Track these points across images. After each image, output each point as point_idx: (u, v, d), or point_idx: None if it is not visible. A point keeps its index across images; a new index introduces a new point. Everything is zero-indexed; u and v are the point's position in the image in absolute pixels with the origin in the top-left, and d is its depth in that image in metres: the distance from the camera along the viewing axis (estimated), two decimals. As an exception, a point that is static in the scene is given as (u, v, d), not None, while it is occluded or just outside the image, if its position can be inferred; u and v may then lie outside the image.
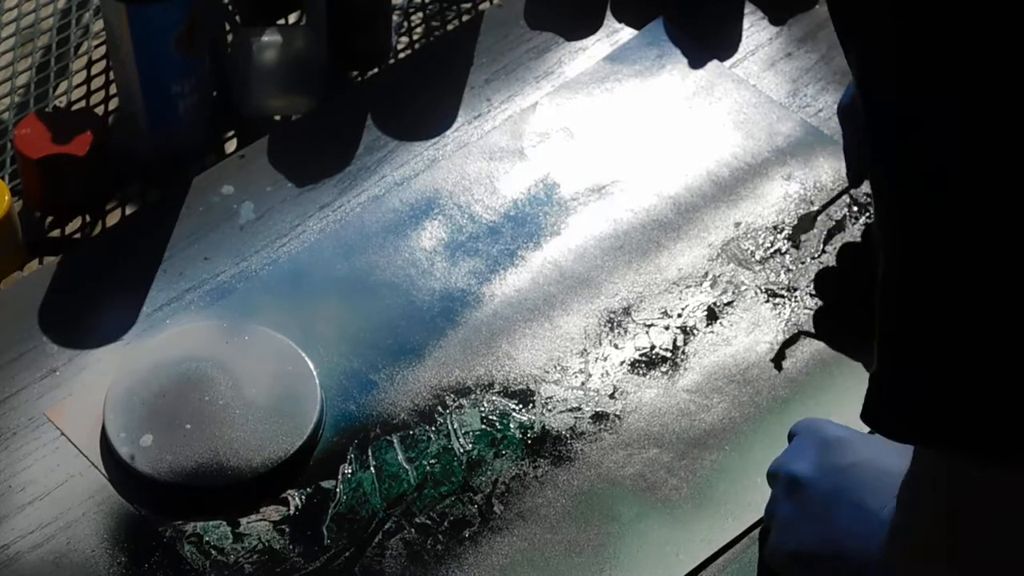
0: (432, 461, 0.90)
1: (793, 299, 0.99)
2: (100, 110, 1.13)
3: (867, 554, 0.76)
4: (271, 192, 1.04)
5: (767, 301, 0.99)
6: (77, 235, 1.05)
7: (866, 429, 0.63)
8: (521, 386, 0.94)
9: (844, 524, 0.78)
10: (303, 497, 0.89)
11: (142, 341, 0.95)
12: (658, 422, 0.93)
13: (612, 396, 0.94)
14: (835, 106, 1.11)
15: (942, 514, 0.65)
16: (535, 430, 0.92)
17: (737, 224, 1.03)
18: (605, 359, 0.96)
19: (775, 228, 1.03)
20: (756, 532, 0.88)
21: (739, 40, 1.16)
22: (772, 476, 0.86)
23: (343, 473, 0.90)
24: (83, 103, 1.14)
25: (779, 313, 0.98)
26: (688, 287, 1.00)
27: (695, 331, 0.97)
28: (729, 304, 0.99)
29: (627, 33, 1.16)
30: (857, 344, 0.96)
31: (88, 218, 1.06)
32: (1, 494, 0.88)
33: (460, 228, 1.02)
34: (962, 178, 0.54)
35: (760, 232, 1.03)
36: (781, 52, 1.15)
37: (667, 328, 0.97)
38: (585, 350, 0.96)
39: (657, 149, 1.08)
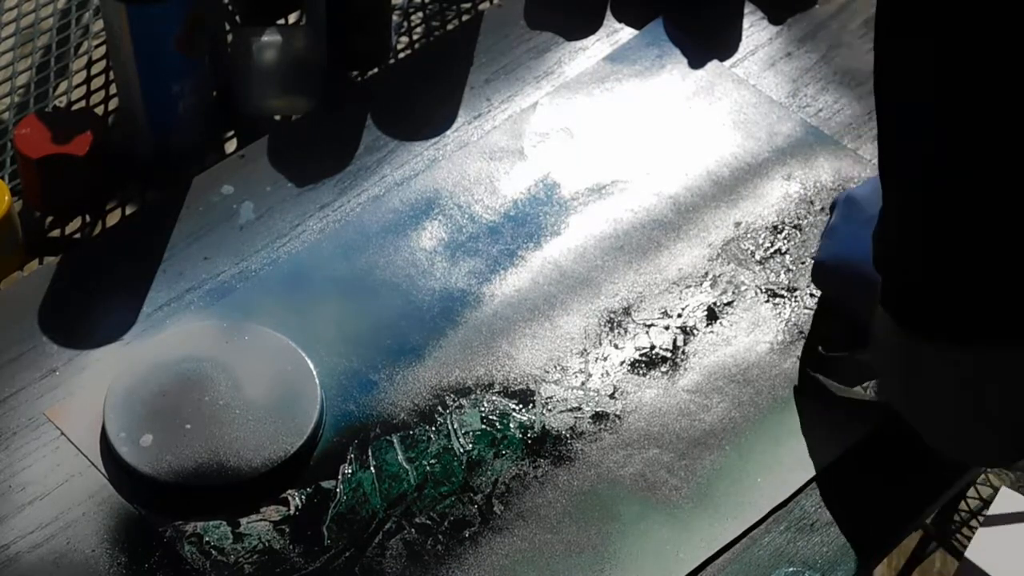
0: (432, 461, 0.90)
1: (793, 299, 0.99)
2: (100, 110, 1.13)
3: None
4: (271, 192, 1.04)
5: (767, 301, 0.99)
6: (77, 235, 1.05)
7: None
8: (521, 386, 0.94)
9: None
10: (303, 497, 0.89)
11: (142, 341, 0.95)
12: (658, 422, 0.93)
13: (612, 396, 0.94)
14: (835, 106, 1.11)
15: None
16: (535, 430, 0.92)
17: (737, 224, 1.03)
18: (605, 359, 0.96)
19: (775, 228, 1.03)
20: (756, 532, 0.88)
21: (739, 40, 1.16)
22: (833, 203, 0.96)
23: (343, 473, 0.90)
24: (83, 103, 1.14)
25: (779, 313, 0.98)
26: (688, 287, 0.99)
27: (695, 331, 0.97)
28: (729, 304, 0.99)
29: (627, 33, 1.16)
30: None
31: (88, 218, 1.06)
32: (1, 494, 0.88)
33: (460, 228, 1.02)
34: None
35: (760, 232, 1.03)
36: (781, 52, 1.15)
37: (667, 328, 0.97)
38: (585, 350, 0.96)
39: (657, 149, 1.08)
